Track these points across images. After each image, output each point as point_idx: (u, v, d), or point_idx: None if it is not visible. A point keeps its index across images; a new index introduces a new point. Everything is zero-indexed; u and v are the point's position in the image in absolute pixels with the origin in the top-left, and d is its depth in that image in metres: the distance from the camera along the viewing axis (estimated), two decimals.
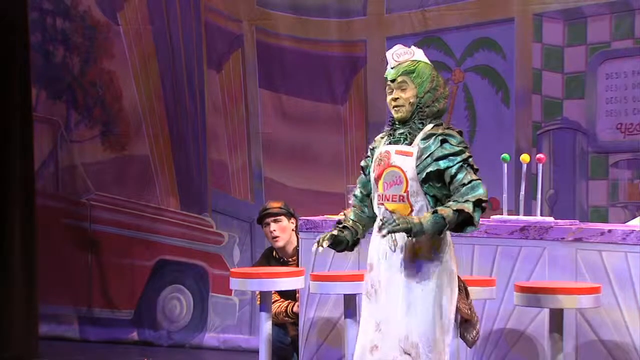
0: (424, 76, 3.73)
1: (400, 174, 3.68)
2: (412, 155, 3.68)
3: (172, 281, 7.46)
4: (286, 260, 5.95)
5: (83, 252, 7.58)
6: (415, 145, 3.69)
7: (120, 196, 7.52)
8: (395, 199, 3.69)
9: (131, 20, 7.49)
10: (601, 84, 6.36)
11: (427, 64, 3.76)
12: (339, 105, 7.09)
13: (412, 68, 3.73)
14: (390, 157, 3.72)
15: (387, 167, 3.71)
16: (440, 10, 6.72)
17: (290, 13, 7.17)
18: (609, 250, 4.62)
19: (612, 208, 6.30)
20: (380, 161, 3.75)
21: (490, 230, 4.90)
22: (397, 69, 3.73)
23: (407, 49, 3.78)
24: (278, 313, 5.77)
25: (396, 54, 3.76)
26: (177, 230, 7.44)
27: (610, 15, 6.31)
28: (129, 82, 7.51)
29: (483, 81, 6.68)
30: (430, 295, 3.63)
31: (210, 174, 7.42)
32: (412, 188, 3.67)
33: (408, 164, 3.68)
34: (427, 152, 3.67)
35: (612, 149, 6.31)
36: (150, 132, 7.51)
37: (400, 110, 3.72)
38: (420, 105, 3.71)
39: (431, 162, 3.65)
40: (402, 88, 3.72)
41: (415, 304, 3.63)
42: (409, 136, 3.71)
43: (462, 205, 3.58)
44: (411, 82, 3.71)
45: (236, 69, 7.35)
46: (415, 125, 3.72)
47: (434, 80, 3.74)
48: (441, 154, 3.65)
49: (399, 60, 3.74)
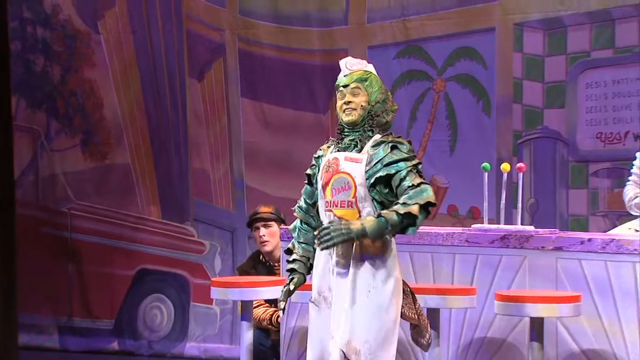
0: (376, 86, 3.82)
1: (349, 180, 3.72)
2: (362, 161, 3.73)
3: (153, 290, 7.45)
4: (272, 265, 5.96)
5: (63, 262, 7.55)
6: (365, 152, 3.75)
7: (101, 205, 7.51)
8: (344, 204, 3.72)
9: (112, 28, 7.48)
10: (581, 93, 6.39)
11: (378, 77, 3.86)
12: (321, 114, 7.10)
13: (365, 76, 3.82)
14: (340, 163, 3.76)
15: (336, 173, 3.76)
16: (421, 19, 6.75)
17: (272, 22, 7.18)
18: (589, 259, 4.64)
19: (592, 217, 6.33)
20: (329, 168, 3.79)
21: (471, 239, 4.91)
22: (351, 76, 3.82)
23: (360, 60, 3.88)
24: (262, 319, 5.78)
25: (349, 63, 3.85)
26: (158, 239, 7.43)
27: (590, 24, 6.34)
28: (110, 91, 7.50)
29: (464, 90, 6.70)
30: (373, 301, 3.66)
31: (191, 182, 7.41)
32: (360, 194, 3.71)
33: (357, 170, 3.73)
34: (377, 158, 3.72)
35: (592, 158, 6.34)
36: (132, 141, 7.50)
37: (352, 113, 3.78)
38: (371, 112, 3.78)
39: (381, 167, 3.70)
40: (355, 93, 3.80)
41: (358, 309, 3.66)
42: (359, 143, 3.77)
43: (409, 208, 3.61)
44: (364, 89, 3.80)
45: (218, 77, 7.35)
46: (364, 133, 3.77)
47: (385, 93, 3.84)
48: (391, 160, 3.71)
49: (352, 69, 3.83)
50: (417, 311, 3.83)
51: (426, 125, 6.79)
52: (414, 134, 6.76)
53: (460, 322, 4.93)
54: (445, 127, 6.74)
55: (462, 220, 6.60)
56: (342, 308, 3.68)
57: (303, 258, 3.91)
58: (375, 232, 3.62)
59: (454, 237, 4.95)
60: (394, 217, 3.61)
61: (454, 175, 6.66)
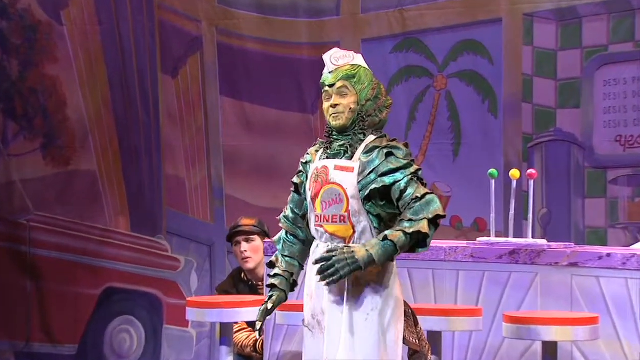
0: (365, 82, 3.73)
1: (340, 191, 3.66)
2: (353, 170, 3.67)
3: (122, 312, 7.45)
4: (255, 284, 5.94)
5: (21, 279, 7.54)
6: (357, 160, 3.68)
7: (64, 216, 7.50)
8: (335, 219, 3.67)
9: (76, 19, 7.48)
10: (598, 91, 6.40)
11: (367, 70, 3.77)
12: (310, 114, 7.11)
13: (352, 72, 3.73)
14: (329, 173, 3.70)
15: (326, 184, 3.69)
16: (420, 9, 6.76)
17: (255, 12, 7.20)
18: (608, 276, 4.63)
19: (611, 229, 6.34)
20: (317, 178, 3.72)
21: (477, 254, 4.91)
22: (336, 73, 3.73)
23: (347, 52, 3.78)
24: (245, 345, 5.75)
25: (334, 57, 3.76)
26: (127, 254, 7.43)
27: (607, 15, 6.36)
28: (74, 89, 7.51)
29: (468, 88, 6.71)
30: (373, 325, 3.63)
31: (165, 191, 7.42)
32: (354, 207, 3.65)
33: (349, 181, 3.66)
34: (371, 167, 3.65)
35: (611, 164, 6.36)
36: (98, 144, 7.51)
37: (340, 117, 3.72)
38: (361, 113, 3.71)
39: (375, 177, 3.64)
40: (342, 94, 3.72)
41: (358, 335, 3.63)
42: (350, 149, 3.70)
43: (417, 226, 3.56)
44: (352, 88, 3.72)
45: (194, 74, 7.37)
46: (355, 137, 3.71)
47: (376, 89, 3.75)
48: (387, 169, 3.64)
49: (337, 64, 3.74)
50: (418, 335, 3.80)
51: (426, 127, 6.80)
52: (412, 137, 6.77)
53: (465, 347, 4.91)
54: (447, 129, 6.75)
55: (466, 232, 6.61)
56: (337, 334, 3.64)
57: (286, 273, 3.87)
58: (383, 258, 3.56)
59: (458, 251, 4.94)
60: (402, 239, 3.56)
61: (457, 183, 6.67)
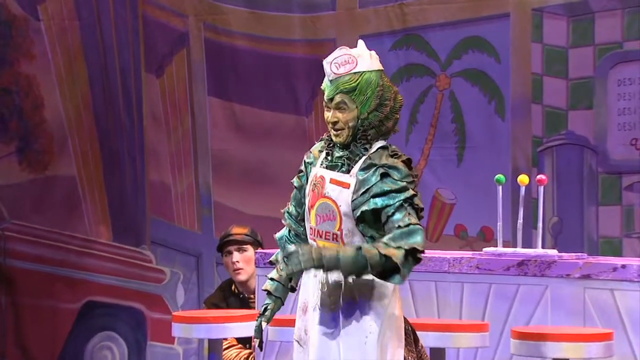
0: (368, 92, 3.62)
1: (333, 208, 3.63)
2: (349, 187, 3.62)
3: (103, 327, 7.44)
4: (247, 297, 5.95)
5: None
6: (354, 175, 3.63)
7: (41, 225, 7.49)
8: (328, 236, 3.64)
9: (54, 14, 7.49)
10: (612, 91, 6.41)
11: (372, 74, 3.64)
12: (304, 116, 7.12)
13: (352, 85, 3.62)
14: (325, 185, 3.66)
15: (321, 197, 3.66)
16: (422, 3, 6.77)
17: (245, 7, 7.21)
18: (623, 289, 4.63)
19: (627, 239, 6.34)
20: (315, 187, 3.69)
21: (483, 265, 4.90)
22: (335, 85, 3.64)
23: (350, 55, 3.64)
24: None
25: (335, 63, 3.64)
26: (108, 265, 7.42)
27: (622, 10, 6.37)
28: (52, 89, 7.51)
29: (473, 88, 6.72)
30: (372, 347, 3.59)
31: (149, 198, 7.42)
32: (347, 226, 3.61)
33: (343, 198, 3.62)
34: (365, 186, 3.61)
35: (626, 169, 6.36)
36: (77, 148, 7.51)
37: (340, 135, 3.65)
38: (362, 127, 3.63)
39: (368, 198, 3.59)
40: (341, 109, 3.63)
41: (355, 357, 3.59)
42: (348, 162, 3.66)
43: (391, 250, 3.51)
44: (351, 102, 3.62)
45: (180, 73, 7.37)
46: (356, 149, 3.65)
47: (382, 95, 3.63)
48: (380, 191, 3.58)
49: (338, 73, 3.63)
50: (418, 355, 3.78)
51: (428, 129, 6.80)
52: (413, 140, 6.77)
53: None
54: (450, 132, 6.76)
55: (471, 242, 6.61)
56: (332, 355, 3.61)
57: (282, 278, 3.84)
58: (350, 267, 3.52)
59: (462, 262, 4.94)
60: (375, 257, 3.51)
61: (461, 189, 6.67)
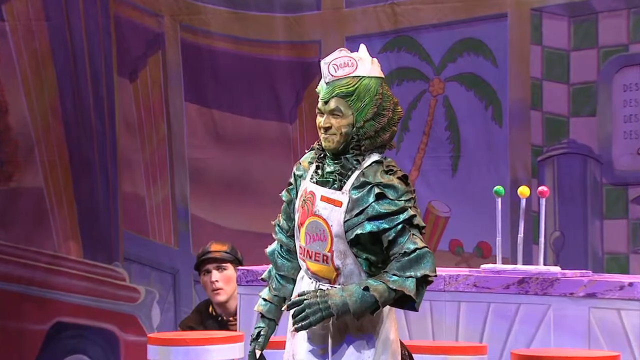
0: (366, 99, 3.58)
1: (324, 227, 3.60)
2: (341, 205, 3.59)
3: (73, 350, 7.42)
4: (226, 320, 5.94)
5: None
6: (346, 193, 3.59)
7: (6, 241, 7.48)
8: (318, 258, 3.62)
9: (20, 15, 7.48)
10: (617, 97, 6.43)
11: (372, 80, 3.59)
12: (287, 123, 7.11)
13: (350, 89, 3.58)
14: (315, 202, 3.62)
15: (311, 215, 3.63)
16: (414, 3, 6.78)
17: (224, 6, 7.21)
18: (631, 308, 4.64)
19: (634, 255, 6.36)
20: (305, 203, 3.65)
21: (480, 283, 4.91)
22: (332, 88, 3.59)
23: (350, 58, 3.61)
24: None
25: (334, 64, 3.60)
26: (79, 284, 7.41)
27: (627, 10, 6.39)
28: (18, 94, 7.50)
29: (468, 93, 6.73)
30: None
31: (121, 211, 7.41)
32: (338, 247, 3.59)
33: (334, 217, 3.59)
34: (360, 207, 3.56)
35: (633, 180, 6.38)
36: (45, 157, 7.50)
37: (330, 139, 3.61)
38: (357, 136, 3.59)
39: (363, 220, 3.56)
40: (335, 114, 3.59)
41: None
42: (340, 177, 3.61)
43: (402, 285, 3.51)
44: (347, 109, 3.58)
45: (155, 77, 7.36)
46: (348, 163, 3.61)
47: (380, 104, 3.59)
48: (376, 213, 3.55)
49: (335, 75, 3.59)
50: None
51: (421, 137, 6.81)
52: (405, 149, 6.77)
53: None
54: (445, 140, 6.76)
55: (468, 259, 6.62)
56: None
57: (275, 298, 3.81)
58: (360, 310, 3.52)
59: (459, 280, 4.95)
60: (384, 293, 3.52)
61: (457, 202, 6.68)
